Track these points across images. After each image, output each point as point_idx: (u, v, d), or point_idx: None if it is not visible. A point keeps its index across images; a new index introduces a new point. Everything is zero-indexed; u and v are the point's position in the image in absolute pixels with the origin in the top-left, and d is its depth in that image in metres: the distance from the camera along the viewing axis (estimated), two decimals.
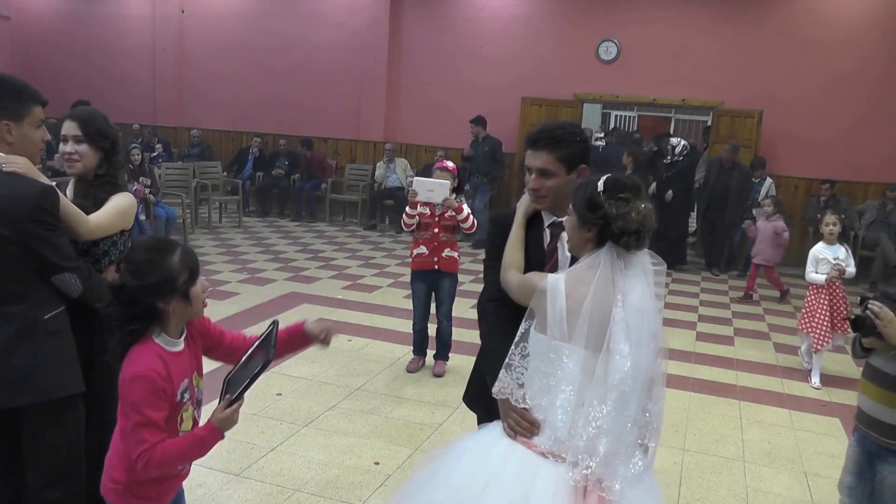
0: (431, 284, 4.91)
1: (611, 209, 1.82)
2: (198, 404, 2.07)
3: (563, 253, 2.17)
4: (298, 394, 4.46)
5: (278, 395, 4.42)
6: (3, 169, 2.16)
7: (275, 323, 2.04)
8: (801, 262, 9.21)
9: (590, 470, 1.78)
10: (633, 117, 17.23)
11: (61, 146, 2.54)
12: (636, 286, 1.85)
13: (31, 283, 2.20)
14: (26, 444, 2.23)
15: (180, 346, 1.99)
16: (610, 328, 1.80)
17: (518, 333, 1.94)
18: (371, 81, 11.11)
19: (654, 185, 8.88)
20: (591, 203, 1.85)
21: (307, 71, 11.49)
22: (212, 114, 12.17)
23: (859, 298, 2.62)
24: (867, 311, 2.47)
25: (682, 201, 8.91)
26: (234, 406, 1.89)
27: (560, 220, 2.18)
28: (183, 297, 1.91)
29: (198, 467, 3.51)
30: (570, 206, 1.94)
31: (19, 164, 2.20)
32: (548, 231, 2.24)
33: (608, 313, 1.81)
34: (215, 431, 1.89)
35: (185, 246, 1.98)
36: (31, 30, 13.17)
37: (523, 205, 2.24)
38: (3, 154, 2.20)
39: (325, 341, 2.19)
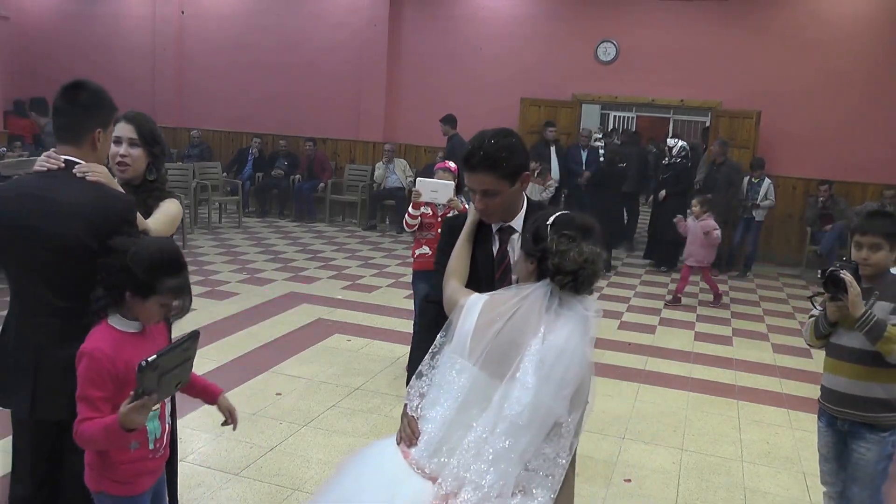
0: (434, 285, 4.90)
1: (552, 245, 1.78)
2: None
3: (514, 258, 2.14)
4: (298, 393, 4.46)
5: (278, 394, 4.42)
6: (88, 178, 2.15)
7: (195, 333, 2.00)
8: (800, 263, 9.30)
9: (447, 490, 1.70)
10: (632, 118, 17.28)
11: (113, 148, 2.46)
12: (565, 326, 1.77)
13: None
14: (70, 457, 2.20)
15: (136, 327, 2.04)
16: (521, 357, 1.74)
17: (434, 344, 1.91)
18: (370, 82, 11.13)
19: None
20: (536, 235, 1.84)
21: (307, 71, 11.49)
22: (211, 114, 12.17)
23: (819, 271, 2.65)
24: (840, 273, 2.52)
25: (679, 204, 8.80)
26: (141, 402, 1.80)
27: (508, 224, 2.19)
28: (143, 300, 1.99)
29: (197, 466, 3.53)
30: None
31: (101, 173, 2.19)
32: (497, 237, 2.22)
33: (522, 343, 1.75)
34: (114, 425, 1.83)
35: (185, 278, 2.08)
36: (31, 30, 13.17)
37: (472, 213, 2.21)
38: (84, 162, 2.18)
39: (228, 420, 2.29)
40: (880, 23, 9.05)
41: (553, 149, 9.56)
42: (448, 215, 4.79)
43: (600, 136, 11.39)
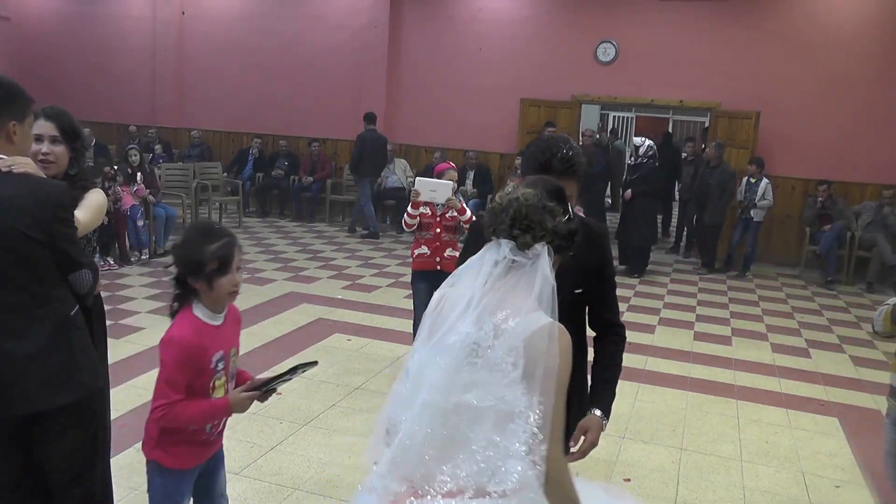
0: (433, 285, 4.90)
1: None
2: (232, 377, 2.25)
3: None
4: (298, 393, 4.47)
5: (278, 393, 4.41)
6: (14, 171, 2.16)
7: (303, 366, 2.24)
8: (799, 263, 9.31)
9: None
10: (632, 118, 17.29)
11: (34, 146, 2.48)
12: (510, 293, 1.62)
13: (53, 283, 2.21)
14: (48, 446, 2.22)
15: (220, 320, 2.20)
16: (447, 329, 1.62)
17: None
18: (370, 82, 11.13)
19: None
20: None
21: (307, 72, 11.50)
22: (212, 114, 12.18)
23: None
24: None
25: (648, 206, 8.54)
26: (251, 394, 2.16)
27: None
28: (207, 282, 2.11)
29: None
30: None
31: (28, 164, 2.21)
32: None
33: (452, 313, 1.64)
34: (227, 406, 2.15)
35: (230, 240, 2.16)
36: (31, 31, 13.18)
37: None
38: (7, 157, 2.19)
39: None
40: (879, 24, 9.06)
41: None
42: (447, 215, 4.81)
43: (598, 136, 11.31)
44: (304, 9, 11.50)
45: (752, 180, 8.91)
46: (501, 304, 1.58)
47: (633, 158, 8.85)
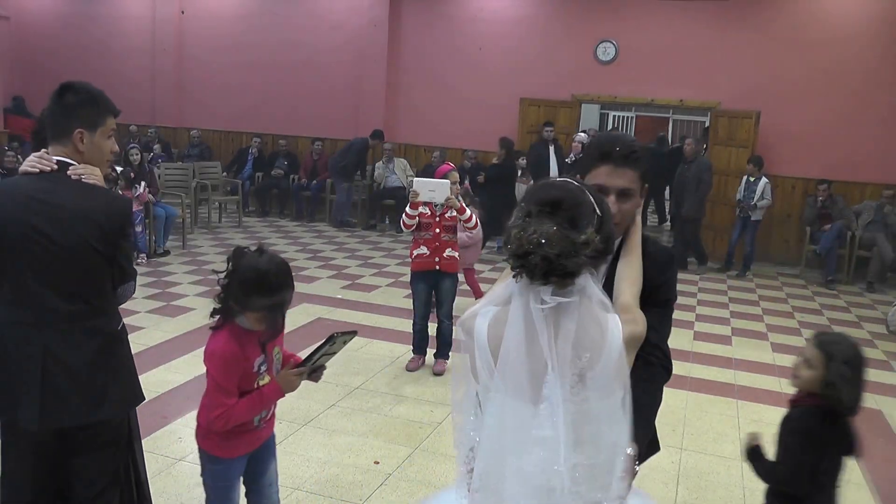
0: (432, 285, 4.93)
1: (510, 223, 1.53)
2: (277, 372, 2.36)
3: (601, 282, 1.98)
4: (298, 392, 4.41)
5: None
6: (84, 180, 2.16)
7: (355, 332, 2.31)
8: (799, 262, 9.30)
9: None
10: (631, 118, 17.28)
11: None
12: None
13: (107, 295, 2.23)
14: (79, 458, 2.23)
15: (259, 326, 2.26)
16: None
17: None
18: (370, 82, 11.13)
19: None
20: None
21: (307, 71, 11.50)
22: (211, 114, 12.18)
23: None
24: None
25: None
26: (299, 370, 2.30)
27: None
28: (242, 309, 2.21)
29: (196, 466, 3.51)
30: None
31: (97, 175, 2.22)
32: None
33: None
34: (276, 389, 2.29)
35: (282, 297, 2.18)
36: (31, 30, 13.17)
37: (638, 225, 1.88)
38: (79, 164, 2.19)
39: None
40: (879, 23, 9.06)
41: (552, 148, 9.58)
42: (446, 215, 4.81)
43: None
44: (304, 8, 11.49)
45: (752, 179, 8.91)
46: (577, 347, 1.48)
47: (572, 155, 8.88)
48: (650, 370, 1.88)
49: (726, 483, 3.72)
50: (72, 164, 2.17)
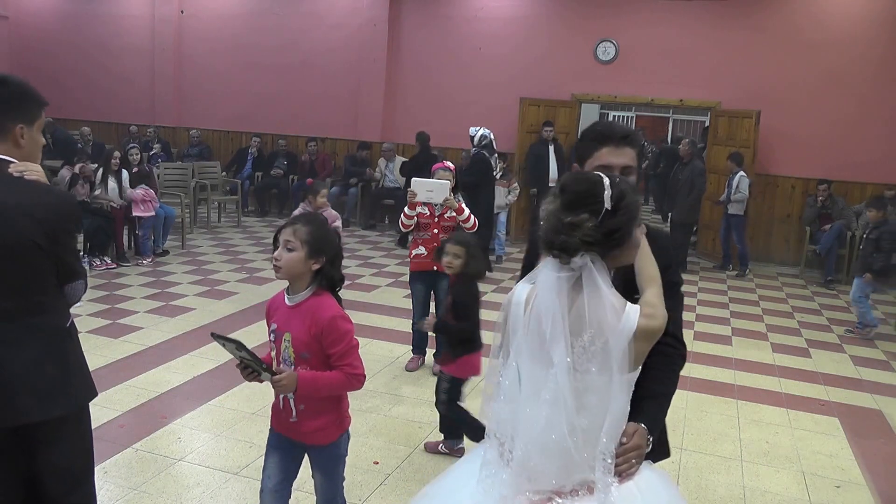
0: (431, 285, 4.92)
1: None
2: (286, 361, 2.36)
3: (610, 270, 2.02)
4: None
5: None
6: (26, 177, 2.12)
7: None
8: (799, 263, 9.30)
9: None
10: (632, 118, 17.29)
11: None
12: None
13: (52, 292, 2.19)
14: (44, 457, 2.19)
15: (293, 301, 2.37)
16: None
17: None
18: (369, 82, 11.12)
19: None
20: None
21: (306, 71, 11.49)
22: (211, 114, 12.17)
23: None
24: None
25: (483, 201, 7.77)
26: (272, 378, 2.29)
27: None
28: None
29: (196, 466, 3.53)
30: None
31: (39, 171, 2.17)
32: None
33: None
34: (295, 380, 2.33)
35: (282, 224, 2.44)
36: (30, 29, 13.16)
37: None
38: (19, 162, 2.14)
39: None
40: (879, 23, 9.06)
41: (552, 148, 9.57)
42: (445, 215, 4.80)
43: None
44: (304, 7, 11.48)
45: (732, 175, 8.94)
46: (581, 322, 1.64)
47: (473, 150, 8.61)
48: (664, 360, 1.93)
49: (726, 483, 3.72)
50: (11, 162, 2.11)
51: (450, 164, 5.01)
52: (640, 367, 1.73)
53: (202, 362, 4.84)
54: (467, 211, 4.86)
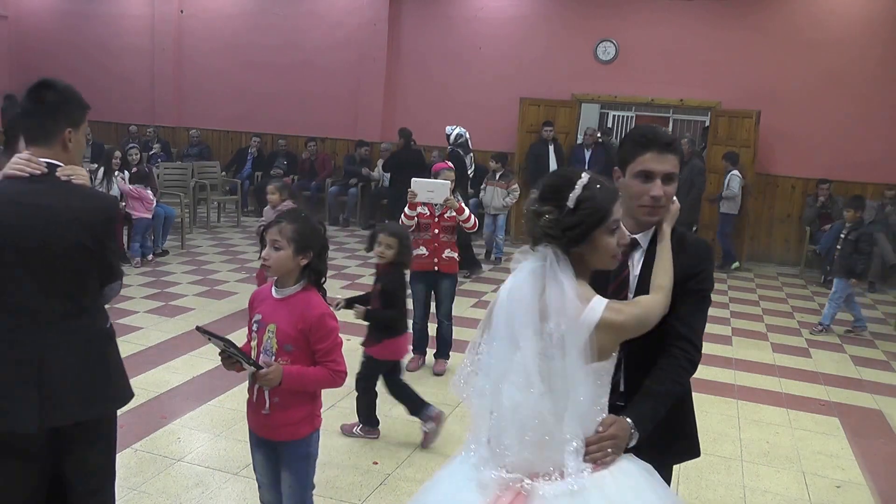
0: (431, 285, 4.91)
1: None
2: (267, 352, 2.38)
3: (633, 272, 2.02)
4: None
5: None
6: (73, 181, 2.15)
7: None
8: (799, 262, 9.30)
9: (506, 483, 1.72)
10: (631, 117, 17.26)
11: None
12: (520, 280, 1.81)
13: (94, 294, 2.22)
14: (76, 457, 2.21)
15: (281, 294, 2.41)
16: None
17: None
18: (369, 81, 11.12)
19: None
20: None
21: (306, 71, 11.49)
22: (210, 114, 12.16)
23: None
24: None
25: (464, 199, 8.14)
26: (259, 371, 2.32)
27: (635, 236, 2.01)
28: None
29: (196, 466, 3.52)
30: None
31: (84, 175, 2.20)
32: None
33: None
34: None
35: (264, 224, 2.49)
36: (29, 29, 13.15)
37: (671, 216, 2.00)
38: (65, 165, 2.16)
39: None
40: (879, 23, 9.05)
41: (552, 147, 9.56)
42: (445, 215, 4.79)
43: (599, 136, 11.23)
44: (303, 7, 11.48)
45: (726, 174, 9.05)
46: (547, 310, 1.71)
47: (449, 147, 8.78)
48: (669, 360, 1.98)
49: (726, 483, 3.72)
50: (59, 166, 2.14)
51: (450, 164, 5.02)
52: (614, 360, 1.78)
53: (202, 362, 4.83)
54: (468, 211, 4.86)
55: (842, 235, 6.68)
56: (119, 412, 2.35)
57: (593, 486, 1.67)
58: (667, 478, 2.15)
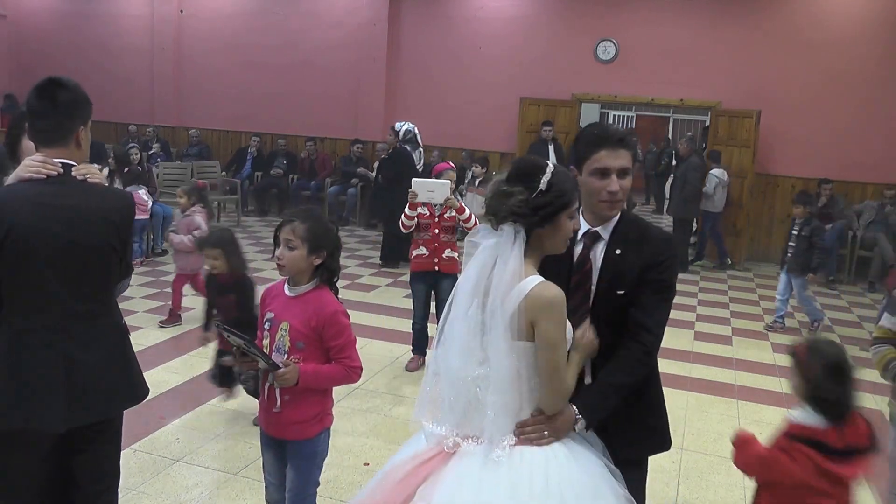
0: (431, 285, 4.91)
1: None
2: (279, 350, 2.40)
3: (595, 265, 2.05)
4: None
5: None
6: (89, 180, 2.14)
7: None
8: None
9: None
10: (632, 117, 17.26)
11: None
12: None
13: (113, 291, 2.25)
14: (86, 456, 2.21)
15: (294, 293, 2.42)
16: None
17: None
18: (370, 81, 11.11)
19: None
20: None
21: (306, 70, 11.48)
22: (210, 113, 12.15)
23: None
24: None
25: (402, 195, 7.95)
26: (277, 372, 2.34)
27: (596, 229, 2.07)
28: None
29: (196, 466, 3.52)
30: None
31: (98, 174, 2.20)
32: (581, 241, 2.08)
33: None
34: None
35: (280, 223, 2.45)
36: (29, 28, 13.15)
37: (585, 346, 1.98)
38: (80, 164, 2.15)
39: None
40: (880, 23, 9.05)
41: (551, 147, 9.56)
42: (445, 215, 4.79)
43: None
44: (303, 7, 11.47)
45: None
46: (489, 286, 1.85)
47: (386, 144, 8.72)
48: (626, 353, 2.03)
49: (726, 483, 3.71)
50: (73, 166, 2.13)
51: (451, 164, 5.03)
52: (542, 344, 1.82)
53: (201, 362, 4.82)
54: (468, 210, 4.86)
55: (793, 232, 6.59)
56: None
57: (514, 459, 1.79)
58: (642, 472, 2.19)
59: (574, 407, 1.90)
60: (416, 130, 8.55)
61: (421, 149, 8.66)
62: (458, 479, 1.78)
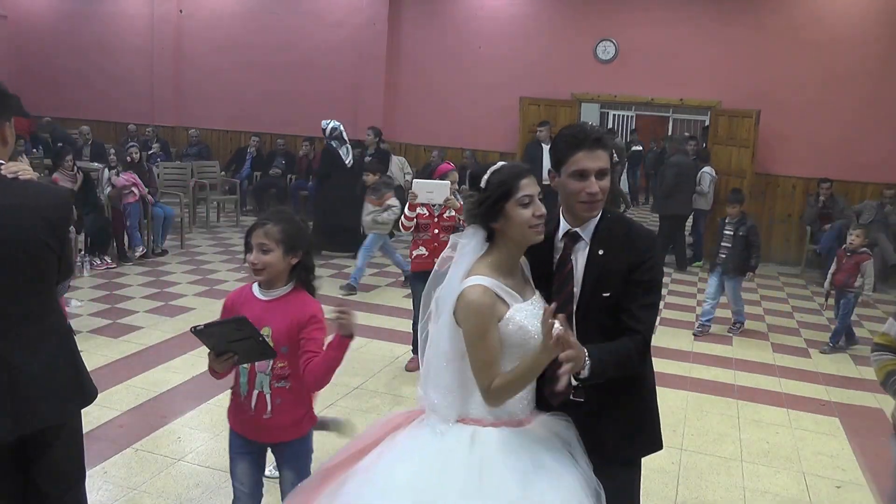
0: None
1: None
2: None
3: (577, 265, 2.03)
4: None
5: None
6: (20, 177, 2.06)
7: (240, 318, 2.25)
8: (799, 262, 9.29)
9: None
10: (631, 117, 17.27)
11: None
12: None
13: (53, 291, 2.16)
14: (45, 459, 2.14)
15: (268, 297, 2.39)
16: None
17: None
18: (369, 81, 11.11)
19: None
20: None
21: (305, 70, 11.48)
22: (210, 113, 12.15)
23: None
24: None
25: (332, 192, 8.39)
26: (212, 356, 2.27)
27: (575, 229, 2.06)
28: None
29: (196, 466, 3.52)
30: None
31: (30, 171, 2.12)
32: (561, 242, 2.07)
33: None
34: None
35: (251, 226, 2.43)
36: (29, 28, 13.14)
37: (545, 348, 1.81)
38: (9, 162, 2.09)
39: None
40: (880, 22, 9.05)
41: (546, 148, 9.54)
42: (445, 215, 4.79)
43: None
44: (303, 7, 11.47)
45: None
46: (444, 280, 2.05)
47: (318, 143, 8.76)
48: (625, 343, 1.98)
49: (726, 483, 3.71)
50: (1, 163, 2.05)
51: (453, 165, 5.04)
52: (465, 343, 1.92)
53: (201, 362, 4.82)
54: None
55: (727, 232, 6.34)
56: (119, 412, 2.33)
57: (459, 435, 1.93)
58: (634, 472, 2.20)
59: (584, 349, 1.81)
60: (343, 128, 8.63)
61: (348, 145, 8.69)
62: (404, 443, 2.00)
